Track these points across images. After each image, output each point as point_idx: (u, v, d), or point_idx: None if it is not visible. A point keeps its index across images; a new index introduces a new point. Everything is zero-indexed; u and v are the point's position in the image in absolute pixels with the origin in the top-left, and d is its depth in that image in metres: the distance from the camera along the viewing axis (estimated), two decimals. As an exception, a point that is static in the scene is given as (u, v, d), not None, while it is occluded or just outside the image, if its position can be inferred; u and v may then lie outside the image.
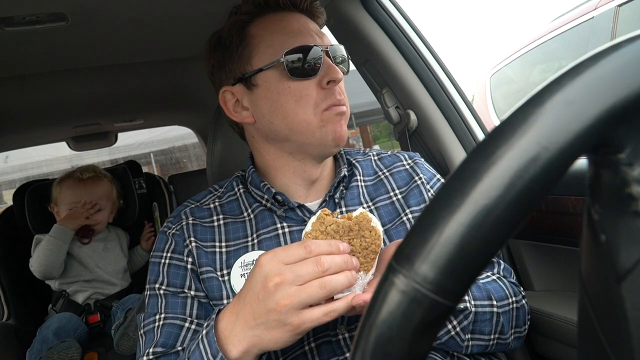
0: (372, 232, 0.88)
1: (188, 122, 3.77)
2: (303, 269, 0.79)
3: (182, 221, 1.14)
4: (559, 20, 4.27)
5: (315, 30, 1.10)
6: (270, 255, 0.82)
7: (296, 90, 1.06)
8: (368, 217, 0.88)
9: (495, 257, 1.19)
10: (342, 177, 1.16)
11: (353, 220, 0.88)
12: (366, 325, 0.37)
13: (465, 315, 0.99)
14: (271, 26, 1.08)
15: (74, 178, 2.55)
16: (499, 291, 1.08)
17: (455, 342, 1.00)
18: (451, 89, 1.59)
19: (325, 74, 1.06)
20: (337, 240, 0.85)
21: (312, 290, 0.78)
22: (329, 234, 0.87)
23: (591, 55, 0.34)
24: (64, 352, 2.07)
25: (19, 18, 1.42)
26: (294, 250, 0.81)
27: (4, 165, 10.15)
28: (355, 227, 0.87)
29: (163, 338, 1.01)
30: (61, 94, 2.43)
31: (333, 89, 1.07)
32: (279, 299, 0.78)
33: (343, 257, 0.81)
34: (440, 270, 0.34)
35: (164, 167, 11.89)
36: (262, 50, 1.08)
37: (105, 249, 2.60)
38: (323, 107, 1.06)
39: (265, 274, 0.80)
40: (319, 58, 1.06)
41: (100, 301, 2.51)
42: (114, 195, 2.65)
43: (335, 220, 0.88)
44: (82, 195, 2.51)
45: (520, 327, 1.10)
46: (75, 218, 2.46)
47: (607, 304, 0.36)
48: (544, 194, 0.34)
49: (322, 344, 1.04)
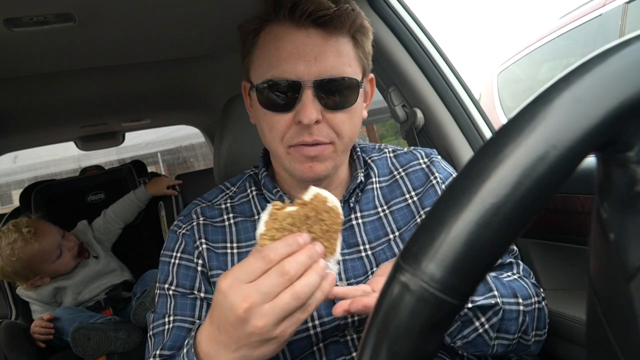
0: (330, 212, 0.81)
1: (195, 122, 3.78)
2: (268, 285, 0.73)
3: (193, 221, 1.14)
4: (567, 17, 4.25)
5: (314, 53, 0.97)
6: (229, 280, 0.76)
7: (269, 120, 1.02)
8: (322, 198, 0.81)
9: (514, 258, 1.18)
10: (358, 184, 1.14)
11: (308, 206, 0.80)
12: (373, 324, 0.37)
13: (494, 311, 0.96)
14: (270, 41, 1.01)
15: (23, 246, 2.30)
16: (522, 290, 1.05)
17: (483, 340, 0.96)
18: (458, 87, 1.58)
19: (297, 112, 0.98)
20: (294, 235, 0.77)
21: (285, 303, 0.73)
22: (285, 229, 0.79)
23: (599, 52, 0.34)
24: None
25: (26, 19, 1.43)
26: (252, 265, 0.75)
27: (12, 165, 10.20)
28: (312, 213, 0.80)
29: (171, 341, 1.02)
30: (69, 94, 2.44)
31: (304, 128, 0.99)
32: (255, 322, 0.73)
33: (307, 253, 0.76)
34: (448, 269, 0.34)
35: (171, 166, 11.92)
36: (256, 67, 1.04)
37: (91, 275, 2.58)
38: (289, 143, 1.01)
39: (231, 303, 0.74)
40: (296, 93, 0.98)
41: (109, 295, 2.55)
42: (58, 232, 2.48)
43: (289, 212, 0.80)
44: (52, 242, 2.37)
45: (540, 329, 1.08)
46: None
47: (616, 302, 0.36)
48: (552, 193, 0.34)
49: (330, 344, 1.04)
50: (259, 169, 1.20)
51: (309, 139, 0.99)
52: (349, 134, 1.03)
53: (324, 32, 0.99)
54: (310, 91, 0.97)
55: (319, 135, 0.99)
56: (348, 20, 0.99)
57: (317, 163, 1.02)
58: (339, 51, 1.00)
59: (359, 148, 1.22)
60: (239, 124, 1.49)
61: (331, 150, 1.02)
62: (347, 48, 1.01)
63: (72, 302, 2.47)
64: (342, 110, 1.00)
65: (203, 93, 2.85)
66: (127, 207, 2.75)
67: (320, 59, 0.98)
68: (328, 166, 1.03)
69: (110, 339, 2.16)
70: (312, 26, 0.98)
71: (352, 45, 1.02)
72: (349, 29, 1.01)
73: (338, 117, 1.00)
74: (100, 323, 2.24)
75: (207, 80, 2.64)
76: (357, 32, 1.03)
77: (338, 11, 0.97)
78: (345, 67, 1.00)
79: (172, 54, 2.14)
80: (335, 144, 1.02)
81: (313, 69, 0.97)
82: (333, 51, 0.99)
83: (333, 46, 0.99)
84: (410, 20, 1.60)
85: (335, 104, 0.99)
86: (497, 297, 0.97)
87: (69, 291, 2.48)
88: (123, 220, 2.75)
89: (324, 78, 0.98)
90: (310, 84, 0.97)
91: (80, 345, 2.10)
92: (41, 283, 2.43)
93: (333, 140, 1.01)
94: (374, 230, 1.13)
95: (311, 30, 0.98)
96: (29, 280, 2.39)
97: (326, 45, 0.98)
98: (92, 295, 2.51)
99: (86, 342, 2.11)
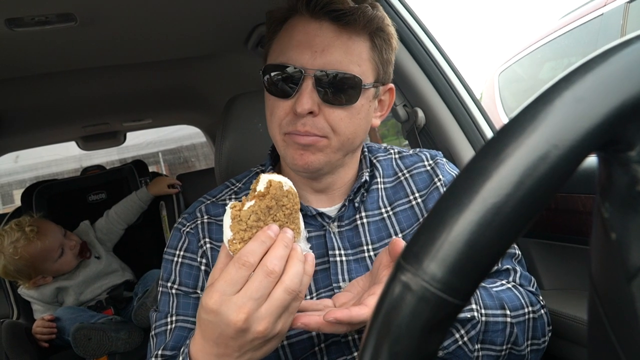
0: (288, 196, 0.80)
1: (196, 122, 3.78)
2: (258, 289, 0.73)
3: (197, 219, 1.13)
4: (569, 16, 4.24)
5: (322, 45, 0.97)
6: (216, 297, 0.74)
7: (271, 106, 1.04)
8: (277, 184, 0.79)
9: (517, 263, 1.15)
10: (362, 183, 1.13)
11: (267, 197, 0.78)
12: (374, 324, 0.37)
13: (472, 325, 0.95)
14: (287, 30, 1.02)
15: (26, 245, 2.32)
16: (513, 300, 1.03)
17: (464, 352, 0.96)
18: (459, 87, 1.58)
19: (295, 100, 0.99)
20: (264, 231, 0.76)
21: (280, 301, 0.74)
22: (252, 227, 0.77)
23: (601, 52, 0.34)
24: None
25: (28, 19, 1.43)
26: (234, 275, 0.74)
27: (14, 165, 10.19)
28: (272, 202, 0.78)
29: (173, 341, 1.02)
30: (70, 94, 2.44)
31: (299, 118, 0.99)
32: (256, 328, 0.73)
33: (282, 244, 0.76)
34: (449, 269, 0.34)
35: (172, 166, 11.91)
36: (271, 53, 1.06)
37: (93, 275, 2.59)
38: (285, 130, 1.01)
39: (226, 320, 0.73)
40: (297, 81, 0.98)
41: (110, 295, 2.55)
42: (60, 231, 2.51)
43: (250, 210, 0.78)
44: (54, 241, 2.39)
45: (537, 338, 1.06)
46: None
47: (617, 302, 0.36)
48: (553, 193, 0.34)
49: (331, 344, 1.04)
50: (265, 167, 1.19)
51: (302, 129, 0.99)
52: (347, 134, 1.02)
53: (337, 26, 0.98)
54: (311, 81, 0.97)
55: (313, 128, 0.99)
56: (363, 19, 0.98)
57: (308, 153, 1.01)
58: (350, 49, 0.99)
59: (366, 148, 1.22)
60: (241, 123, 1.49)
61: (324, 144, 1.01)
62: (360, 47, 1.00)
63: (74, 302, 2.48)
64: (341, 107, 1.00)
65: (204, 93, 2.85)
66: (129, 208, 2.76)
67: (327, 52, 0.97)
68: (320, 158, 1.02)
69: (111, 339, 2.16)
70: (326, 19, 0.98)
71: (368, 47, 1.02)
72: (364, 28, 1.00)
73: (336, 113, 1.00)
74: (102, 323, 2.25)
75: (208, 80, 2.64)
76: (376, 35, 1.02)
77: (354, 8, 0.97)
78: (353, 65, 0.99)
79: (173, 54, 2.14)
80: (330, 139, 1.01)
81: (317, 60, 0.97)
82: (342, 47, 0.98)
83: (344, 42, 0.98)
84: (410, 19, 1.59)
85: (334, 98, 0.98)
86: (474, 310, 0.95)
87: (71, 291, 2.48)
88: (125, 221, 2.75)
89: (326, 71, 0.97)
90: (311, 74, 0.97)
91: (81, 346, 2.11)
92: (43, 282, 2.44)
93: (327, 135, 1.00)
94: (377, 231, 1.12)
95: (325, 22, 0.98)
96: (31, 279, 2.40)
97: (337, 39, 0.98)
98: (94, 295, 2.52)
99: (87, 342, 2.11)
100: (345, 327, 0.81)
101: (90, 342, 2.12)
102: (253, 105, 1.49)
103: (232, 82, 2.44)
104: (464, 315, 0.95)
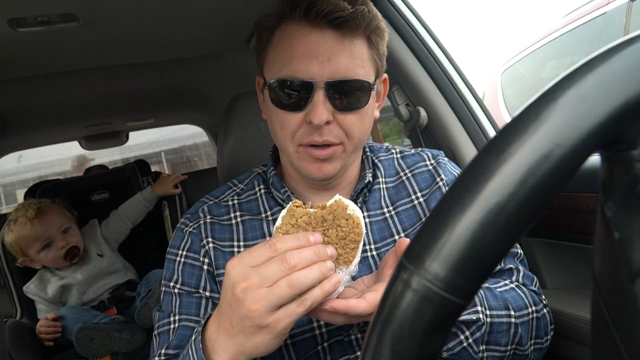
0: (348, 220, 0.81)
1: (198, 121, 3.78)
2: (269, 270, 0.75)
3: (200, 219, 1.13)
4: (571, 15, 4.23)
5: (327, 54, 0.97)
6: (236, 261, 0.79)
7: (280, 119, 1.03)
8: (343, 205, 0.82)
9: (519, 262, 1.15)
10: (366, 184, 1.14)
11: (326, 209, 0.82)
12: (377, 323, 0.37)
13: (477, 326, 0.96)
14: (284, 39, 1.00)
15: (21, 223, 2.42)
16: (517, 300, 1.04)
17: (468, 353, 0.97)
18: (461, 86, 1.58)
19: (308, 112, 0.98)
20: (306, 232, 0.79)
21: (280, 290, 0.74)
22: (300, 226, 0.81)
23: (604, 50, 0.34)
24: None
25: (31, 19, 1.43)
26: (259, 251, 0.78)
27: (17, 165, 10.22)
28: (329, 216, 0.81)
29: (176, 340, 1.02)
30: (73, 94, 2.45)
31: (315, 129, 0.99)
32: (249, 305, 0.75)
33: (313, 250, 0.77)
34: (451, 268, 0.34)
35: (175, 165, 11.92)
36: (270, 64, 1.04)
37: (96, 271, 2.60)
38: (300, 142, 1.01)
39: (232, 281, 0.77)
40: (308, 93, 0.98)
41: (112, 294, 2.55)
42: (66, 213, 2.56)
43: (306, 211, 0.82)
44: (43, 232, 2.42)
45: (540, 337, 1.06)
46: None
47: (620, 301, 0.36)
48: (556, 192, 0.33)
49: (334, 343, 1.04)
50: (267, 167, 1.19)
51: (319, 139, 0.99)
52: (359, 135, 1.03)
53: (338, 33, 0.98)
54: (322, 92, 0.97)
55: (329, 136, 1.00)
56: (364, 22, 0.98)
57: (326, 163, 1.03)
58: (353, 53, 0.99)
59: (368, 148, 1.22)
60: (243, 123, 1.49)
61: (340, 151, 1.03)
62: (362, 50, 1.01)
63: (77, 302, 2.49)
64: (353, 111, 1.00)
65: (207, 92, 2.85)
66: (135, 208, 2.78)
67: (334, 60, 0.97)
68: (337, 166, 1.04)
69: (113, 339, 2.17)
70: (327, 27, 0.97)
71: (367, 46, 1.02)
72: (364, 30, 1.00)
73: (349, 118, 1.00)
74: (104, 323, 2.25)
75: (210, 80, 2.64)
76: (372, 33, 1.02)
77: (354, 13, 0.97)
78: (358, 69, 0.99)
79: (176, 54, 2.14)
80: (344, 144, 1.02)
81: (326, 70, 0.97)
82: (347, 53, 0.98)
83: (347, 48, 0.98)
84: (413, 18, 1.59)
85: (346, 105, 0.99)
86: (479, 312, 0.96)
87: (75, 290, 2.49)
88: (131, 220, 2.78)
89: (336, 79, 0.97)
90: (322, 85, 0.97)
91: (84, 345, 2.11)
92: (31, 265, 2.50)
93: (343, 141, 1.02)
94: (379, 231, 1.12)
95: (326, 30, 0.97)
96: (19, 258, 2.48)
97: (340, 46, 0.98)
98: (96, 295, 2.52)
99: (90, 342, 2.12)
100: (342, 317, 0.82)
101: (93, 342, 2.12)
102: (255, 104, 1.48)
103: (234, 81, 2.44)
104: (469, 317, 0.95)
